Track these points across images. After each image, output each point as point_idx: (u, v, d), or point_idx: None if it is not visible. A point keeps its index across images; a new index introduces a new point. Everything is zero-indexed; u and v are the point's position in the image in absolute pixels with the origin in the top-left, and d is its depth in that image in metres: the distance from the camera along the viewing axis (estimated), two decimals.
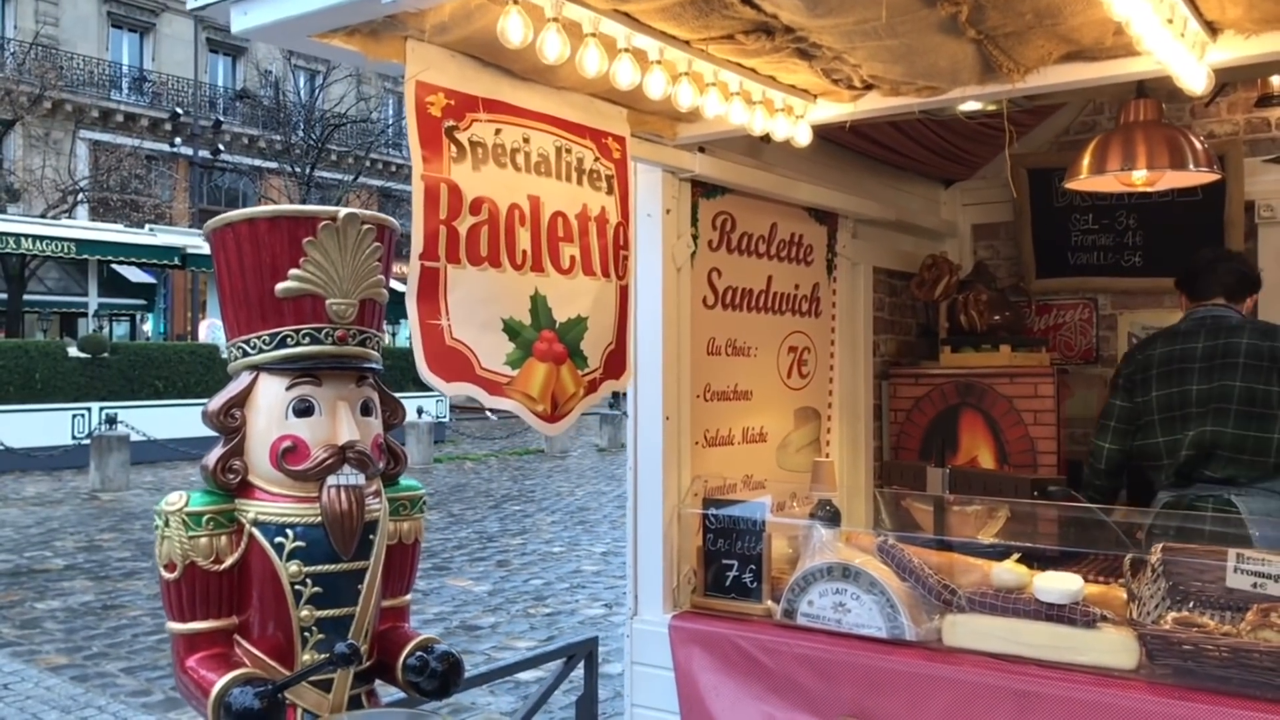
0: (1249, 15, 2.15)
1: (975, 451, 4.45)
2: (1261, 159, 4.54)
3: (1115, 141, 3.04)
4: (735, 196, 3.66)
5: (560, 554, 10.38)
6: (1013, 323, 4.83)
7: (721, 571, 3.20)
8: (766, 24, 2.20)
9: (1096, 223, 4.92)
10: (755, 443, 3.83)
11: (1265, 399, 3.46)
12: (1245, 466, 3.47)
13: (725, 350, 3.67)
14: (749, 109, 2.67)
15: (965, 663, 2.70)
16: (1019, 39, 2.28)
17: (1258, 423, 3.47)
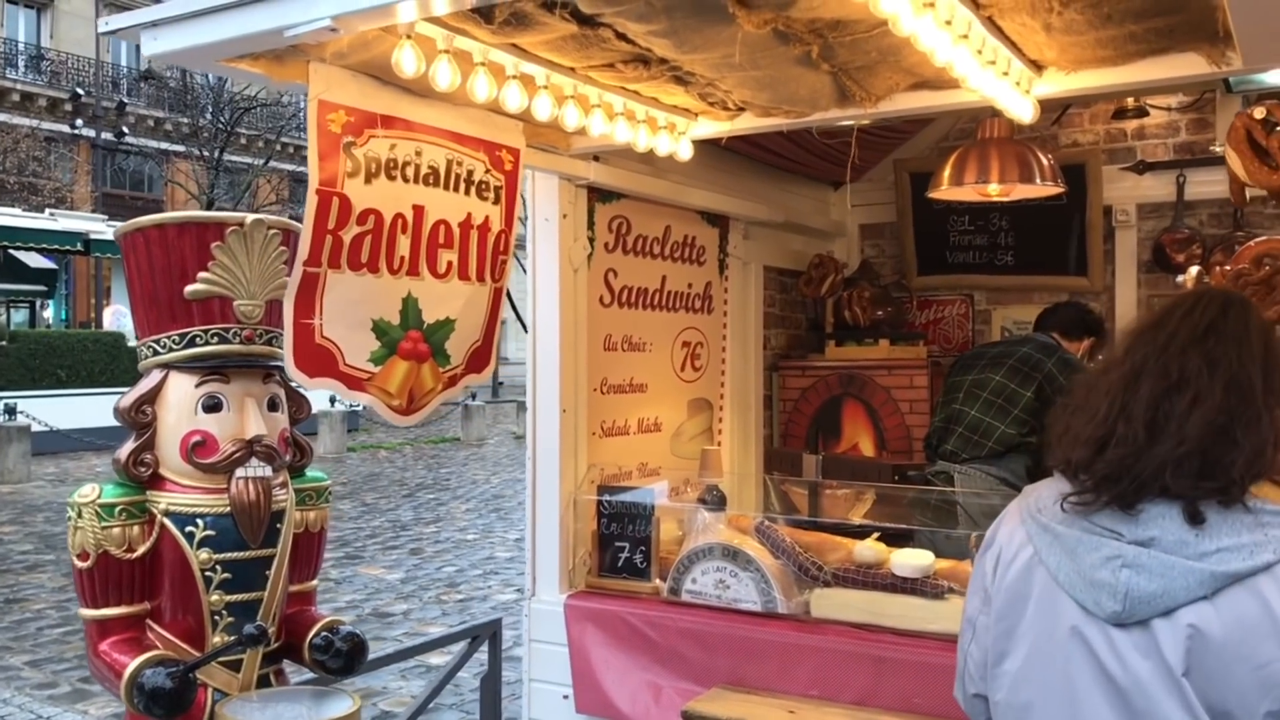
0: (1063, 57, 2.44)
1: (857, 438, 4.76)
2: (1119, 167, 4.93)
3: (972, 156, 3.34)
4: (631, 201, 3.88)
5: (474, 541, 10.52)
6: (894, 318, 5.16)
7: (614, 553, 3.44)
8: (643, 55, 2.41)
9: (972, 224, 5.27)
10: (650, 432, 4.07)
11: (1012, 397, 3.94)
12: (970, 445, 3.95)
13: (621, 346, 3.90)
14: (633, 127, 2.89)
15: (830, 632, 2.98)
16: (869, 71, 2.54)
17: (996, 412, 3.95)
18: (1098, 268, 4.95)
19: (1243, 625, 1.53)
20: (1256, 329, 1.67)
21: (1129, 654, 1.59)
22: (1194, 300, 1.70)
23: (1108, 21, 2.16)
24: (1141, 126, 4.95)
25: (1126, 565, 1.59)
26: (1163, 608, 1.57)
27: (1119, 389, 1.67)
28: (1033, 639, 1.70)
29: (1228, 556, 1.55)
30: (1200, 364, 1.62)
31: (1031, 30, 2.24)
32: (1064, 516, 1.68)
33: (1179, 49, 2.37)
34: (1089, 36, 2.26)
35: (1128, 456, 1.62)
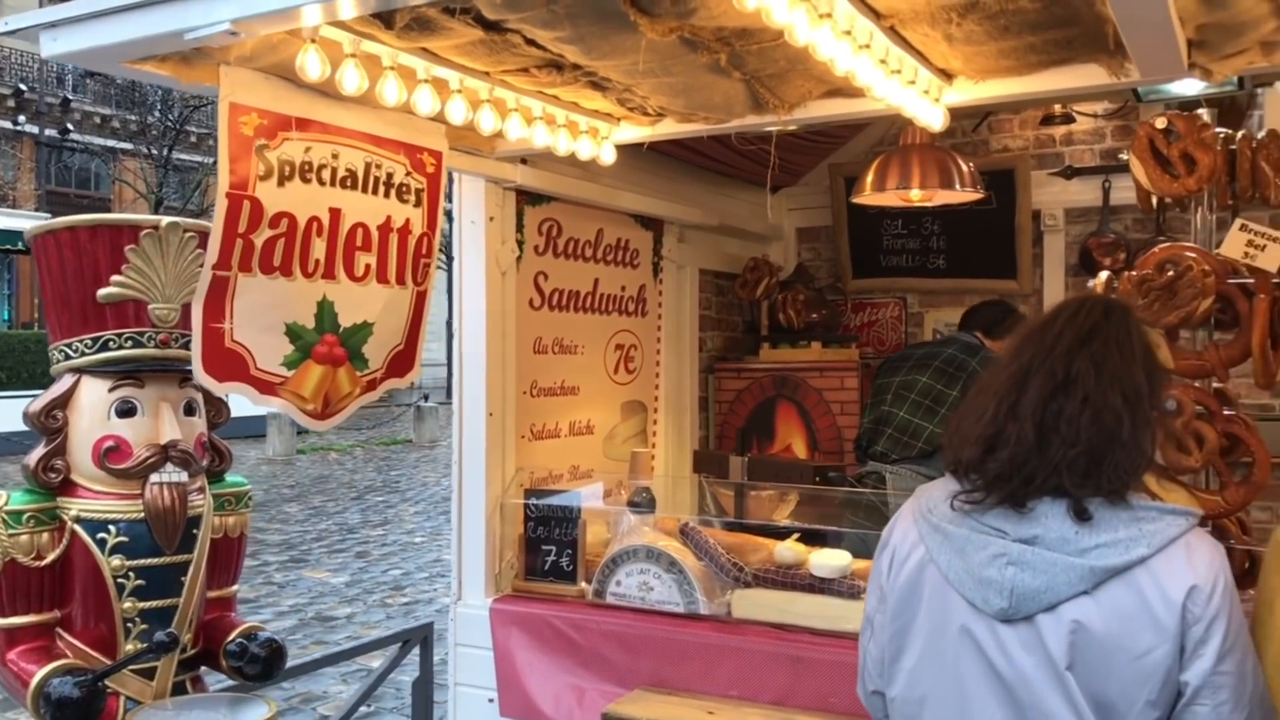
0: (969, 66, 2.49)
1: (790, 439, 4.81)
2: (1047, 172, 5.02)
3: (894, 162, 3.39)
4: (561, 204, 3.89)
5: (421, 544, 10.47)
6: (829, 320, 5.22)
7: (540, 556, 3.44)
8: (555, 61, 2.43)
9: (905, 228, 5.34)
10: (582, 435, 4.08)
11: (939, 397, 4.02)
12: (900, 446, 4.03)
13: (552, 349, 3.91)
14: (553, 132, 2.90)
15: (750, 633, 3.01)
16: (781, 79, 2.57)
17: (924, 413, 4.04)
18: (1027, 271, 5.04)
19: (1121, 617, 1.59)
20: (1137, 334, 1.73)
21: (1015, 649, 1.64)
22: (1078, 305, 1.75)
23: (1006, 33, 2.20)
24: (1069, 133, 5.04)
25: (1012, 563, 1.64)
26: (1047, 603, 1.62)
27: (1007, 389, 1.72)
28: (926, 636, 1.74)
29: (1106, 552, 1.60)
30: (1087, 365, 1.67)
31: (934, 40, 2.28)
32: (954, 516, 1.73)
33: (1079, 60, 2.43)
34: (990, 47, 2.31)
35: (1018, 455, 1.66)
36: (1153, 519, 1.63)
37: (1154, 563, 1.60)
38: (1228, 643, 1.58)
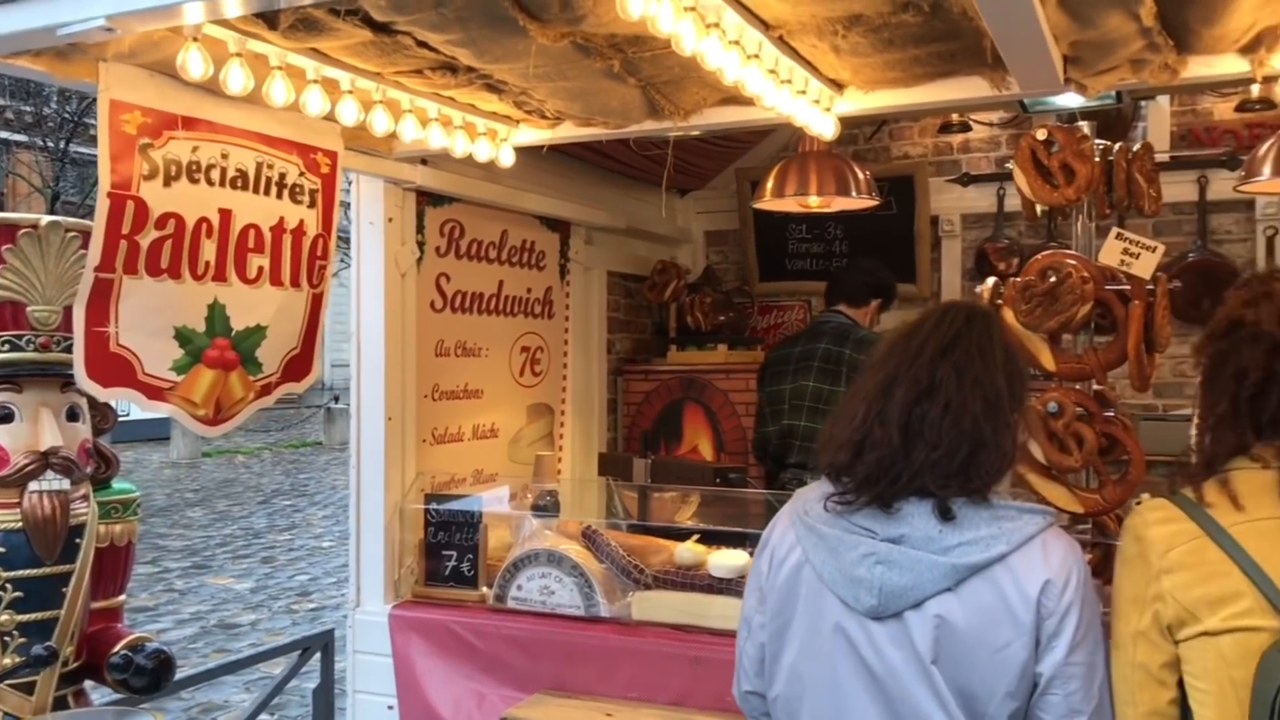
0: (857, 77, 2.54)
1: (696, 441, 4.85)
2: (945, 179, 5.15)
3: (793, 169, 3.44)
4: (464, 205, 3.86)
5: (330, 548, 10.30)
6: (736, 323, 5.28)
7: (441, 562, 3.42)
8: (449, 63, 2.41)
9: (809, 233, 5.43)
10: (486, 439, 4.06)
11: (830, 398, 4.09)
12: (814, 454, 4.07)
13: (455, 351, 3.88)
14: (449, 133, 2.88)
15: (649, 634, 3.03)
16: (677, 86, 2.59)
17: (822, 418, 4.08)
18: (925, 274, 5.16)
19: (982, 612, 1.65)
20: (998, 340, 1.80)
21: (885, 645, 1.69)
22: (942, 313, 1.81)
23: (890, 46, 2.26)
24: (966, 141, 5.18)
25: (880, 562, 1.69)
26: (913, 600, 1.67)
27: (875, 395, 1.77)
28: (803, 634, 1.78)
29: (968, 550, 1.66)
30: (949, 372, 1.73)
31: (823, 51, 2.33)
32: (828, 517, 1.77)
33: (963, 73, 2.50)
34: (876, 59, 2.36)
35: (884, 459, 1.72)
36: (1012, 517, 1.69)
37: (1012, 559, 1.66)
38: (1079, 635, 1.65)
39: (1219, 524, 1.54)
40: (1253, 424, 1.58)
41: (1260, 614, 1.49)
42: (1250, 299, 1.65)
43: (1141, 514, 1.66)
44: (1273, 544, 1.51)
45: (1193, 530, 1.56)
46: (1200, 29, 2.16)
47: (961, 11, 2.05)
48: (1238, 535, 1.52)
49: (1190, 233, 4.76)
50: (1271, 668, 1.45)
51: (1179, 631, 1.56)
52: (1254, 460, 1.59)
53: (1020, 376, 1.80)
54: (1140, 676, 1.59)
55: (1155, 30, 2.14)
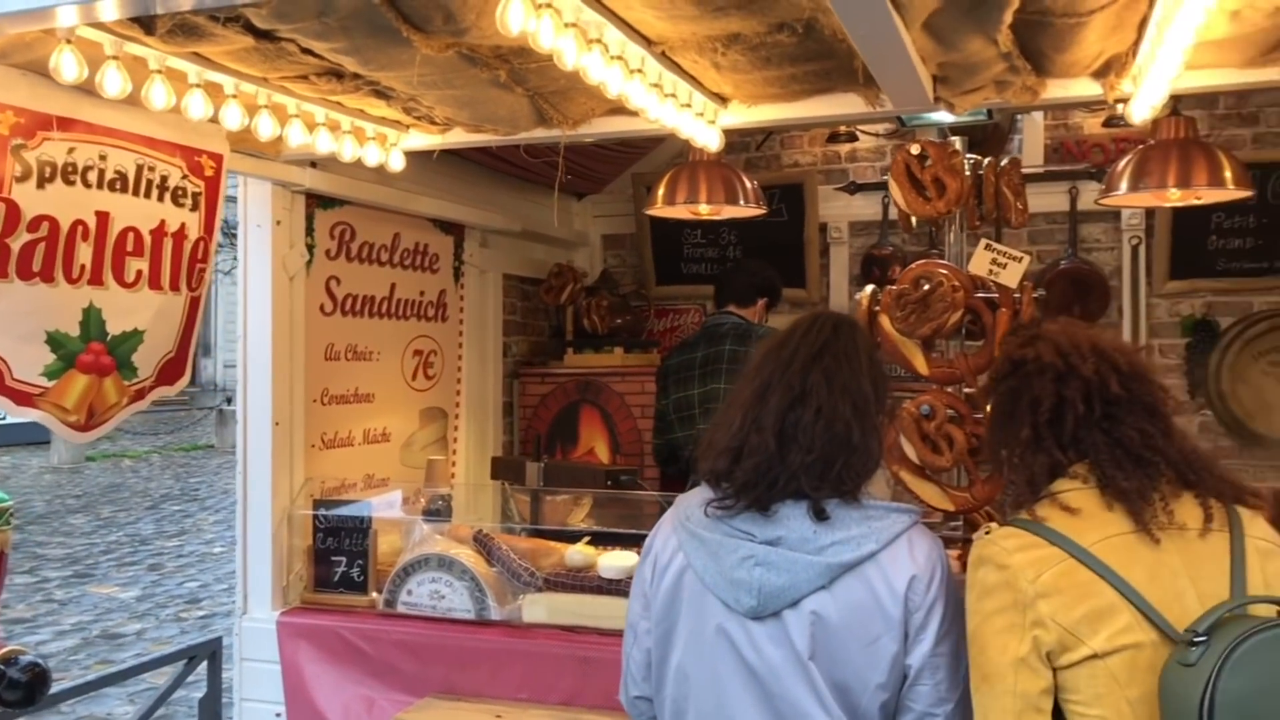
0: (739, 92, 2.62)
1: (593, 443, 4.90)
2: (834, 187, 5.30)
3: (683, 177, 3.50)
4: (355, 207, 3.83)
5: (221, 554, 10.04)
6: (632, 326, 5.34)
7: (330, 568, 3.39)
8: (335, 70, 2.41)
9: (704, 238, 5.52)
10: (378, 443, 4.04)
11: None
12: None
13: (345, 355, 3.85)
14: (337, 138, 2.87)
15: (539, 636, 3.07)
16: (564, 96, 2.63)
17: None
18: (815, 280, 5.30)
19: (854, 609, 1.73)
20: (863, 347, 1.89)
21: (764, 644, 1.76)
22: (810, 322, 1.89)
23: (768, 63, 2.34)
24: (853, 150, 5.34)
25: (759, 564, 1.76)
26: (790, 599, 1.74)
27: (751, 403, 1.84)
28: (687, 637, 1.84)
29: (841, 549, 1.75)
30: (820, 379, 1.81)
31: (704, 67, 2.39)
32: (708, 522, 1.83)
33: (839, 90, 2.60)
34: (755, 75, 2.44)
35: (762, 464, 1.79)
36: (880, 517, 1.78)
37: (881, 557, 1.75)
38: (944, 627, 1.75)
39: (1080, 545, 1.59)
40: (1057, 444, 1.69)
41: (1139, 629, 1.54)
42: (1025, 342, 1.80)
43: (997, 542, 1.67)
44: (1130, 558, 1.58)
45: (1057, 554, 1.60)
46: (1054, 55, 2.29)
47: (833, 34, 2.13)
48: (1099, 553, 1.58)
49: (1062, 241, 4.99)
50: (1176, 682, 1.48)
51: (1060, 658, 1.57)
52: (1074, 478, 1.68)
53: (884, 381, 1.90)
54: (1020, 705, 1.58)
55: (1014, 55, 2.26)
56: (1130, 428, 1.67)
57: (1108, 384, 1.69)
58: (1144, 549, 1.59)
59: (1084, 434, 1.68)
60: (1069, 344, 1.74)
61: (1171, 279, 4.85)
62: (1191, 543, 1.60)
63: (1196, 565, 1.58)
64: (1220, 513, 1.64)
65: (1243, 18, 2.06)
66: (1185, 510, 1.63)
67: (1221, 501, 1.65)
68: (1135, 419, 1.68)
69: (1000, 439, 1.81)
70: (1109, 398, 1.69)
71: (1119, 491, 1.62)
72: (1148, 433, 1.67)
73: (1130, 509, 1.61)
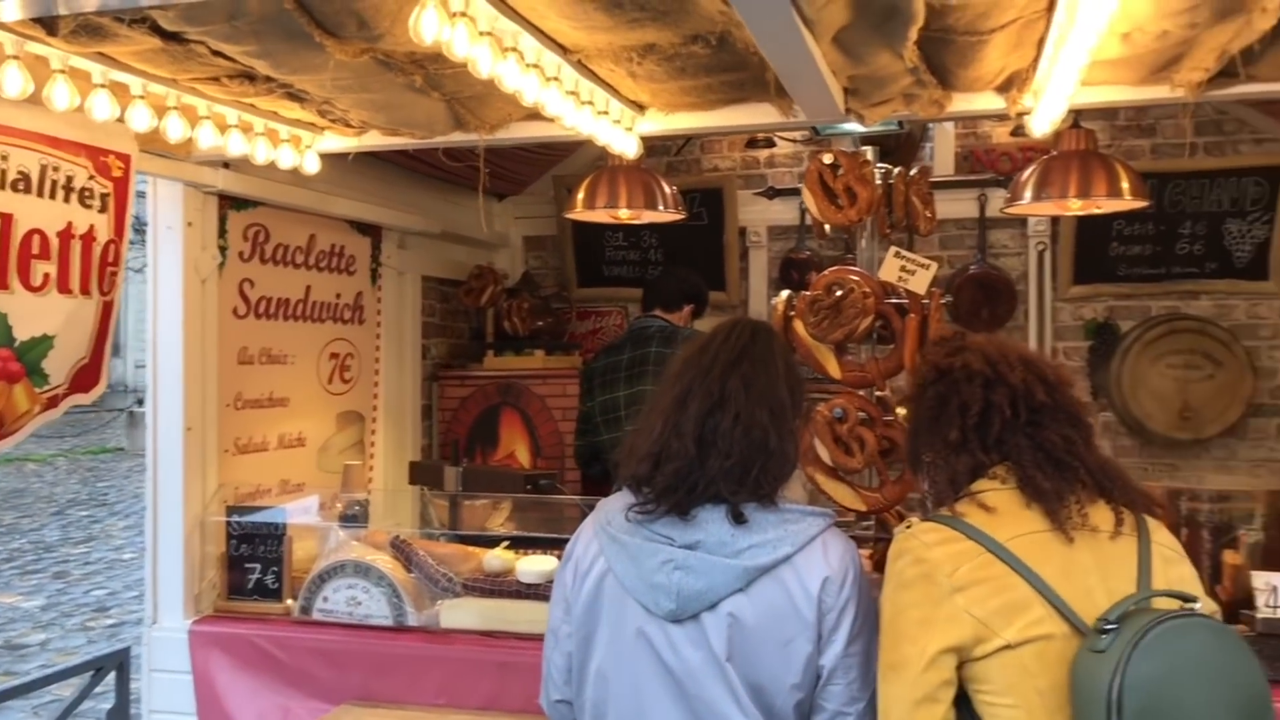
0: (656, 100, 2.65)
1: (513, 446, 4.89)
2: (753, 192, 5.37)
3: (603, 182, 3.52)
4: (270, 209, 3.77)
5: (131, 560, 9.76)
6: (554, 328, 5.35)
7: (244, 575, 3.34)
8: (247, 72, 2.37)
9: (626, 240, 5.56)
10: (293, 448, 3.98)
11: None
12: None
13: (259, 359, 3.79)
14: (250, 140, 2.82)
15: (458, 641, 3.06)
16: (481, 101, 2.63)
17: None
18: (734, 283, 5.37)
19: (770, 610, 1.77)
20: (779, 353, 1.93)
21: (683, 646, 1.79)
22: (729, 329, 1.93)
23: (683, 74, 2.37)
24: (771, 156, 5.42)
25: (678, 567, 1.79)
26: (709, 602, 1.78)
27: (671, 409, 1.87)
28: (607, 641, 1.86)
29: (757, 552, 1.78)
30: (738, 385, 1.85)
31: (621, 76, 2.42)
32: (629, 527, 1.86)
33: (754, 100, 2.65)
34: (671, 85, 2.47)
35: (682, 469, 1.82)
36: (796, 520, 1.83)
37: (796, 559, 1.79)
38: (856, 628, 1.80)
39: (997, 540, 1.65)
40: (981, 446, 1.76)
41: (1050, 621, 1.60)
42: (952, 351, 1.86)
43: (918, 536, 1.72)
44: (1044, 555, 1.64)
45: (975, 548, 1.65)
46: (958, 70, 2.37)
47: (746, 47, 2.17)
48: (1014, 549, 1.64)
49: (972, 246, 5.14)
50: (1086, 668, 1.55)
51: (975, 649, 1.61)
52: (993, 479, 1.74)
53: (799, 386, 1.95)
54: (919, 695, 1.62)
55: (921, 70, 2.33)
56: (1054, 433, 1.74)
57: (1034, 392, 1.76)
58: (1057, 546, 1.65)
59: (1009, 437, 1.75)
60: (997, 354, 1.81)
61: (1075, 284, 5.03)
62: (1103, 544, 1.67)
63: (1106, 565, 1.65)
64: (1130, 519, 1.71)
65: (1133, 40, 2.16)
66: (1098, 514, 1.70)
67: (1132, 510, 1.72)
68: (1059, 426, 1.75)
69: (924, 442, 1.86)
70: (1034, 405, 1.75)
71: (1037, 491, 1.69)
72: (1070, 439, 1.74)
73: (1047, 509, 1.68)
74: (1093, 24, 1.87)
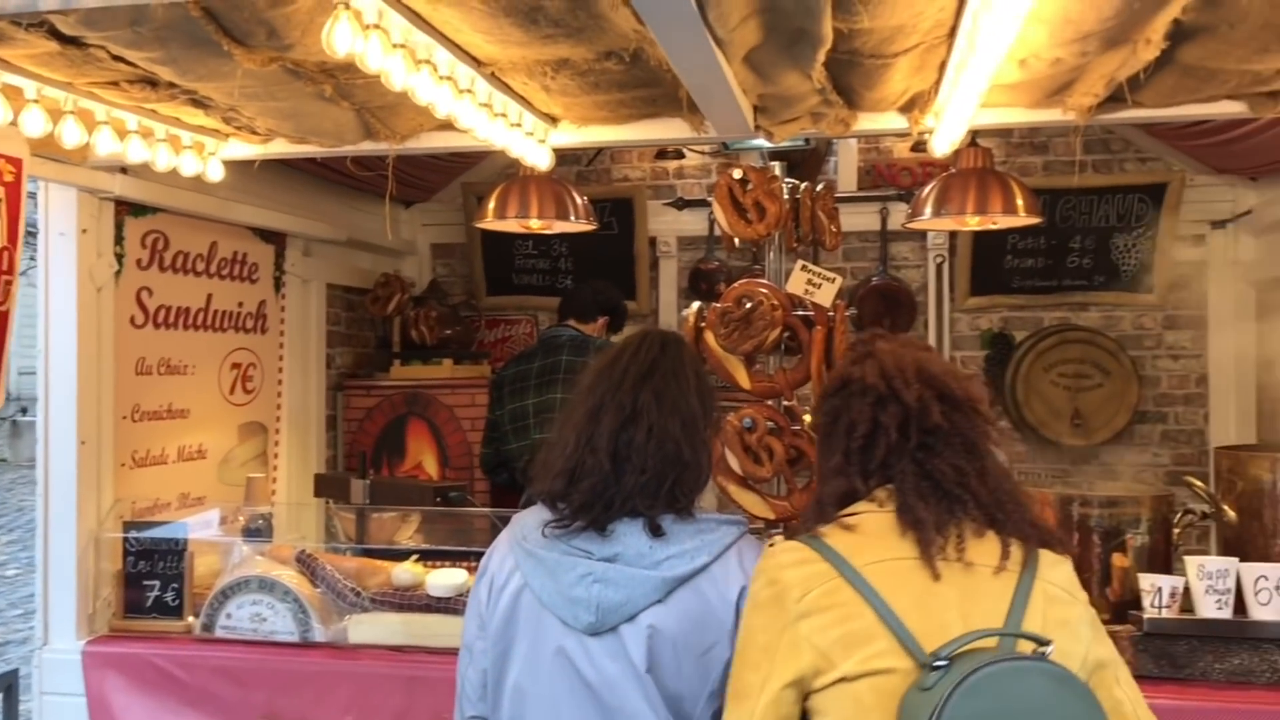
0: (569, 113, 2.67)
1: (421, 457, 4.84)
2: (662, 202, 5.43)
3: (514, 192, 3.52)
4: (170, 215, 3.67)
5: (15, 577, 9.36)
6: (462, 337, 5.31)
7: (142, 593, 3.24)
8: (149, 78, 2.31)
9: (536, 249, 5.55)
10: (193, 460, 3.87)
11: None
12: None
13: (158, 369, 3.68)
14: (150, 146, 2.75)
15: (365, 657, 3.02)
16: (391, 111, 2.61)
17: None
18: (644, 292, 5.41)
19: (689, 620, 1.79)
20: (690, 363, 1.95)
21: (602, 659, 1.79)
22: (639, 341, 1.94)
23: (596, 89, 2.39)
24: (681, 167, 5.48)
25: (597, 580, 1.79)
26: (628, 614, 1.79)
27: (584, 423, 1.88)
28: (525, 656, 1.86)
29: (675, 563, 1.80)
30: (650, 398, 1.86)
31: (534, 89, 2.43)
32: (546, 542, 1.86)
33: (666, 115, 2.68)
34: (584, 99, 2.49)
35: (598, 485, 1.83)
36: (712, 529, 1.85)
37: (713, 568, 1.81)
38: None
39: (852, 565, 1.53)
40: (861, 472, 1.65)
41: (893, 655, 1.47)
42: (856, 359, 1.75)
43: (776, 556, 1.61)
44: (901, 584, 1.52)
45: (828, 571, 1.54)
46: (864, 91, 2.44)
47: (659, 64, 2.20)
48: (869, 576, 1.52)
49: (874, 259, 5.28)
50: (911, 705, 1.43)
51: (815, 680, 1.51)
52: (871, 501, 1.63)
53: (710, 396, 1.95)
54: None
55: (828, 90, 2.39)
56: (945, 462, 1.62)
57: (929, 412, 1.63)
58: (918, 577, 1.53)
59: (894, 461, 1.63)
60: (894, 367, 1.68)
61: (972, 295, 5.21)
62: (977, 579, 1.55)
63: (973, 601, 1.53)
64: (1019, 554, 1.57)
65: (1029, 66, 2.25)
66: (982, 548, 1.57)
67: (1024, 544, 1.59)
68: (952, 453, 1.62)
69: (820, 456, 1.78)
70: (927, 427, 1.63)
71: (914, 520, 1.57)
72: (962, 470, 1.62)
73: (920, 538, 1.55)
74: (993, 52, 1.95)
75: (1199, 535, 3.75)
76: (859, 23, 1.92)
